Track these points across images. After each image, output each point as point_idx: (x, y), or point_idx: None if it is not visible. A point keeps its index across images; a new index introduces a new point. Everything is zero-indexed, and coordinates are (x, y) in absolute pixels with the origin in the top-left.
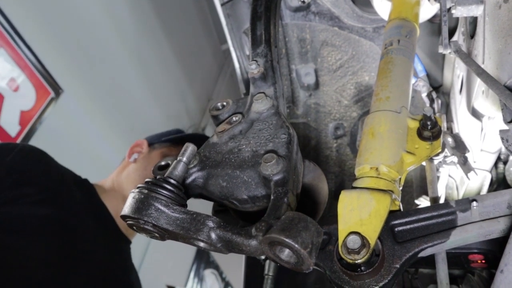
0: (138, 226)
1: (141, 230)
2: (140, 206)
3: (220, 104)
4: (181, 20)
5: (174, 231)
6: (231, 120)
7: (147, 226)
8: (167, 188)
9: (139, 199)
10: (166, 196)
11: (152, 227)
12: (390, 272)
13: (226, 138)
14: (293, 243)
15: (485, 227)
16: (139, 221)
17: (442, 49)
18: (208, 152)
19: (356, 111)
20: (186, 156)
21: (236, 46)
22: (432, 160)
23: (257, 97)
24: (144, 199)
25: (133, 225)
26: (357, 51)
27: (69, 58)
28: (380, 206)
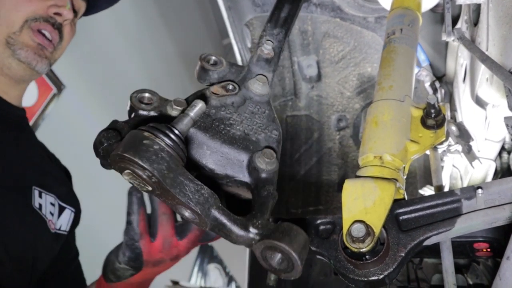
0: (129, 169)
1: (130, 175)
2: (144, 149)
3: (214, 59)
4: (183, 15)
5: (169, 190)
6: (227, 87)
7: (143, 173)
8: (175, 142)
9: (142, 141)
10: (172, 148)
11: (148, 176)
12: (395, 260)
13: (217, 103)
14: (293, 253)
15: (490, 214)
16: (134, 165)
17: (446, 37)
18: None
19: (358, 103)
20: (194, 112)
21: (237, 39)
22: (436, 149)
23: (260, 78)
24: (150, 143)
25: (123, 167)
26: (359, 42)
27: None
28: (384, 195)
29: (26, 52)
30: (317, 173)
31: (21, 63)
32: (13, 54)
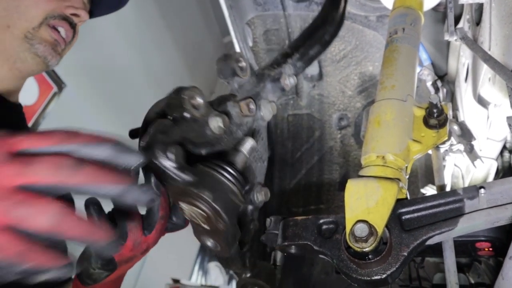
0: (197, 206)
1: (192, 209)
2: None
3: (244, 65)
4: (183, 13)
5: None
6: (250, 106)
7: (212, 213)
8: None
9: (218, 184)
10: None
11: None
12: (398, 260)
13: (237, 121)
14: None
15: (493, 214)
16: (206, 205)
17: (448, 36)
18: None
19: (360, 102)
20: (248, 151)
21: (239, 38)
22: (439, 148)
23: (272, 106)
24: (225, 188)
25: (188, 201)
26: (360, 41)
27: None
28: (387, 194)
29: (44, 47)
30: (318, 172)
31: (37, 57)
32: (30, 48)
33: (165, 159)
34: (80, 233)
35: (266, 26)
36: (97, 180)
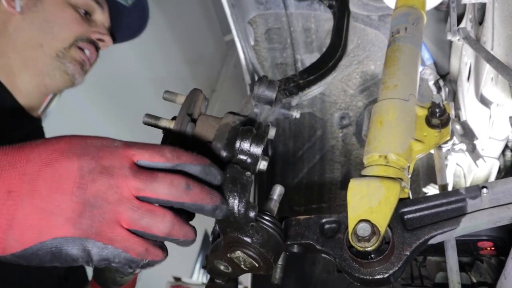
0: (247, 252)
1: (244, 253)
2: (272, 243)
3: (288, 101)
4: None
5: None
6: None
7: (262, 260)
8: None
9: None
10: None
11: (263, 263)
12: (400, 259)
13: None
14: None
15: (495, 213)
16: (263, 256)
17: (451, 36)
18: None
19: (361, 101)
20: (278, 196)
21: (241, 37)
22: (441, 148)
23: (274, 128)
24: (278, 241)
25: (241, 249)
26: (362, 40)
27: None
28: (389, 194)
29: (74, 66)
30: (320, 170)
31: (66, 75)
32: (61, 66)
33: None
34: (183, 237)
35: (268, 25)
36: (201, 200)
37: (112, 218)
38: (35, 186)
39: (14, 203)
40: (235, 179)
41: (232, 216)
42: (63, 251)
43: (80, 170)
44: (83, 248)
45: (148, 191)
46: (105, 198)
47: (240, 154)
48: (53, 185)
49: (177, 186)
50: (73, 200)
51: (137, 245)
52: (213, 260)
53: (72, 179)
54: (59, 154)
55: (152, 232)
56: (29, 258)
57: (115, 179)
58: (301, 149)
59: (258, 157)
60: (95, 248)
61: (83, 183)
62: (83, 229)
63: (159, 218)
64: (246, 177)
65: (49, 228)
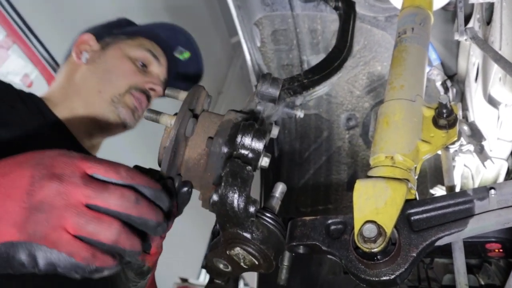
0: (246, 249)
1: (244, 250)
2: (273, 240)
3: (291, 100)
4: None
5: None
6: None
7: (261, 258)
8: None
9: (276, 238)
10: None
11: (264, 260)
12: (406, 261)
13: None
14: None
15: (503, 215)
16: (263, 253)
17: (458, 36)
18: None
19: (368, 102)
20: (279, 194)
21: (247, 38)
22: (448, 149)
23: (277, 126)
24: (281, 239)
25: (240, 245)
26: (369, 41)
27: None
28: (396, 195)
29: (126, 111)
30: (326, 172)
31: (119, 118)
32: (115, 111)
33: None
34: (131, 247)
35: (274, 26)
36: (147, 214)
37: (57, 223)
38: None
39: None
40: (235, 173)
41: (231, 211)
42: (10, 255)
43: (32, 178)
44: (28, 252)
45: (98, 200)
46: (52, 204)
47: (241, 149)
48: (6, 192)
49: (128, 198)
50: (21, 206)
51: (82, 250)
52: (212, 258)
53: (23, 187)
54: (17, 165)
55: (99, 239)
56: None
57: (63, 186)
58: (307, 150)
59: (260, 152)
60: (40, 252)
61: (32, 190)
62: (28, 233)
63: (106, 225)
64: (246, 171)
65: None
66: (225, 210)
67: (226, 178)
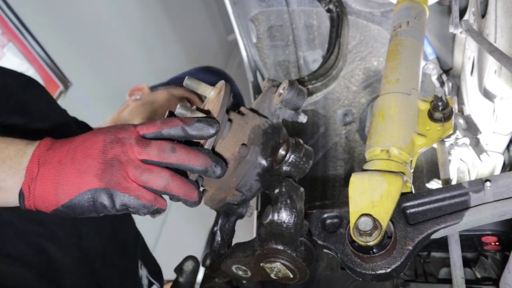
0: (285, 264)
1: (282, 264)
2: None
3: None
4: (187, 11)
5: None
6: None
7: (299, 274)
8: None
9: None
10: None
11: (297, 268)
12: (402, 254)
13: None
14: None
15: (499, 207)
16: (303, 271)
17: (453, 29)
18: None
19: (365, 97)
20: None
21: (243, 34)
22: (444, 142)
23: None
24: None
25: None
26: (365, 36)
27: (77, 51)
28: (391, 188)
29: None
30: (323, 167)
31: None
32: None
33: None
34: (183, 192)
35: (270, 22)
36: (187, 161)
37: (124, 174)
38: (75, 155)
39: (61, 168)
40: (291, 194)
41: (287, 231)
42: (95, 200)
43: (103, 141)
44: (108, 196)
45: (144, 154)
46: (119, 159)
47: (287, 166)
48: (86, 153)
49: (164, 149)
50: (98, 161)
51: (147, 194)
52: (231, 264)
53: (98, 148)
54: (92, 134)
55: (151, 186)
56: (74, 208)
57: (125, 147)
58: None
59: (306, 172)
60: (117, 195)
61: (105, 150)
62: (106, 181)
63: (155, 174)
64: (300, 192)
65: (84, 182)
66: (280, 229)
67: (284, 199)
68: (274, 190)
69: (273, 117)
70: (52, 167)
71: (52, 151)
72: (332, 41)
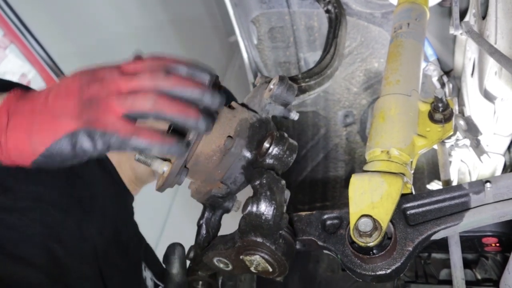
0: (264, 256)
1: (261, 257)
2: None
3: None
4: (189, 13)
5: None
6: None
7: (279, 268)
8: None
9: (293, 245)
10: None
11: (276, 262)
12: (402, 255)
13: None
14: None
15: (499, 208)
16: (282, 264)
17: (453, 30)
18: None
19: (365, 98)
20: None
21: (244, 36)
22: (444, 143)
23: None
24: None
25: (257, 253)
26: (366, 38)
27: (79, 53)
28: (391, 189)
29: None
30: (324, 169)
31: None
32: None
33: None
34: (177, 111)
35: (271, 24)
36: (182, 84)
37: (104, 108)
38: (47, 99)
39: (34, 116)
40: (271, 187)
41: (265, 223)
42: (74, 143)
43: (80, 81)
44: (88, 136)
45: (133, 83)
46: (97, 96)
47: (270, 159)
48: (60, 95)
49: (157, 73)
50: (74, 102)
51: (125, 126)
52: (212, 257)
53: (74, 89)
54: (69, 78)
55: (139, 109)
56: (53, 157)
57: (104, 82)
58: (304, 148)
59: (289, 165)
60: (96, 135)
61: (82, 90)
62: (83, 120)
63: (141, 95)
64: (281, 185)
65: (60, 126)
66: (259, 221)
67: (264, 191)
68: (255, 182)
69: (262, 112)
70: (24, 116)
71: (23, 100)
72: (329, 41)
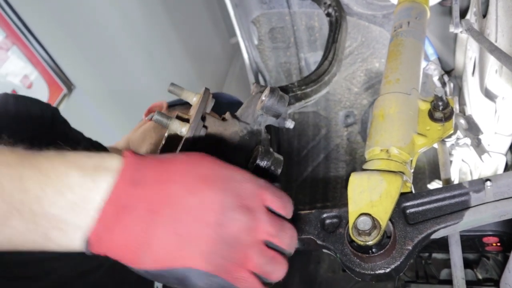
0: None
1: None
2: None
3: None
4: (190, 14)
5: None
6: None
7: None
8: None
9: None
10: None
11: None
12: (402, 254)
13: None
14: None
15: (499, 207)
16: None
17: (454, 28)
18: None
19: (366, 99)
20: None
21: (244, 36)
22: (444, 142)
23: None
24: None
25: None
26: (366, 38)
27: (81, 54)
28: (391, 188)
29: None
30: (324, 169)
31: None
32: None
33: None
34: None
35: (272, 24)
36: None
37: (242, 260)
38: (178, 212)
39: (156, 224)
40: None
41: None
42: (190, 281)
43: (222, 205)
44: (209, 283)
45: (277, 239)
46: (240, 239)
47: (258, 172)
48: (195, 215)
49: (294, 238)
50: (211, 234)
51: (255, 285)
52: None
53: (214, 214)
54: (203, 183)
55: (271, 278)
56: (156, 277)
57: (253, 222)
58: (305, 148)
59: (277, 177)
60: (217, 281)
61: (224, 220)
62: (213, 265)
63: (280, 266)
64: None
65: (183, 257)
66: None
67: None
68: None
69: (255, 123)
70: (139, 217)
71: (138, 188)
72: (328, 45)
